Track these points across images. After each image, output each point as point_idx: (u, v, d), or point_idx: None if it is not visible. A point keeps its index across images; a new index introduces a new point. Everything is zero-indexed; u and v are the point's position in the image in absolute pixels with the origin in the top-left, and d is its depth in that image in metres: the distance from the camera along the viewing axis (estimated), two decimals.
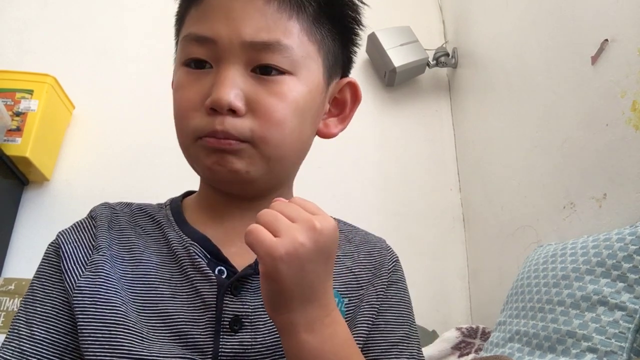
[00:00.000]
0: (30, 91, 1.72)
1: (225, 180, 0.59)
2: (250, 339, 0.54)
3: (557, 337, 0.91)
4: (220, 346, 0.53)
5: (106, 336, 0.52)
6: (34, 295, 0.57)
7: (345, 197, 1.89)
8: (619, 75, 1.11)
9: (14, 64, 1.87)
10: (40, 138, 1.71)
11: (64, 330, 0.55)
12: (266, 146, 0.57)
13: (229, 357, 0.53)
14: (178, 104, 0.60)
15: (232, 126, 0.55)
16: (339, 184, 1.93)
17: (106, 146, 1.91)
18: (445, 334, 1.40)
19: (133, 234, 0.62)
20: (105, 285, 0.55)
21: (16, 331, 0.55)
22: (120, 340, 0.52)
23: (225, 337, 0.54)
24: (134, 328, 0.53)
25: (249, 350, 0.54)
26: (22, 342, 0.54)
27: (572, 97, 1.29)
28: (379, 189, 1.99)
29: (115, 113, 1.95)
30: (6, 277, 1.56)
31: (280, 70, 0.57)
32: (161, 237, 0.61)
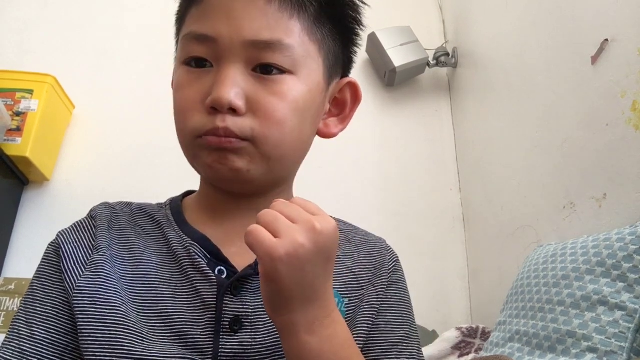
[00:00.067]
0: (30, 91, 1.72)
1: (226, 179, 0.59)
2: (250, 339, 0.54)
3: (557, 337, 0.91)
4: (220, 346, 0.53)
5: (106, 336, 0.52)
6: (34, 295, 0.57)
7: (345, 197, 1.88)
8: (619, 75, 1.11)
9: (14, 64, 1.87)
10: (41, 138, 1.71)
11: (64, 330, 0.55)
12: (266, 145, 0.57)
13: (228, 357, 0.53)
14: (178, 103, 0.60)
15: (233, 124, 0.55)
16: (339, 184, 1.93)
17: (106, 146, 1.91)
18: (445, 334, 1.40)
19: (133, 234, 0.61)
20: (105, 285, 0.55)
21: (16, 331, 0.55)
22: (120, 340, 0.52)
23: (225, 337, 0.54)
24: (134, 328, 0.53)
25: (249, 350, 0.54)
26: (22, 342, 0.54)
27: (572, 97, 1.29)
28: (379, 189, 1.99)
29: (115, 113, 1.95)
30: (6, 277, 1.56)
31: (281, 69, 0.57)
32: (161, 237, 0.61)
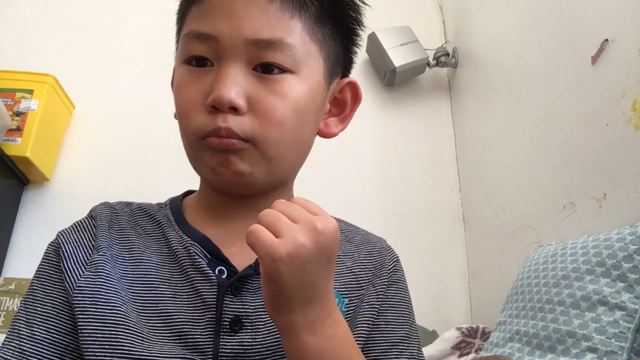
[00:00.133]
0: (30, 91, 1.72)
1: (229, 183, 0.59)
2: (250, 339, 0.54)
3: (557, 337, 0.91)
4: (221, 346, 0.53)
5: (106, 336, 0.52)
6: (34, 295, 0.57)
7: (345, 197, 1.88)
8: (619, 75, 1.11)
9: (14, 64, 1.87)
10: (41, 138, 1.71)
11: (64, 330, 0.55)
12: (267, 145, 0.57)
13: (229, 358, 0.53)
14: (180, 103, 0.59)
15: (235, 123, 0.55)
16: (339, 184, 1.93)
17: (106, 146, 1.91)
18: (446, 334, 1.40)
19: (133, 234, 0.61)
20: (105, 285, 0.55)
21: (16, 331, 0.55)
22: (121, 340, 0.52)
23: (225, 338, 0.54)
24: (134, 328, 0.53)
25: (249, 350, 0.54)
26: (23, 342, 0.54)
27: (572, 97, 1.29)
28: (379, 189, 1.99)
29: (115, 113, 1.95)
30: (6, 277, 1.56)
31: (282, 68, 0.57)
32: (161, 237, 0.61)
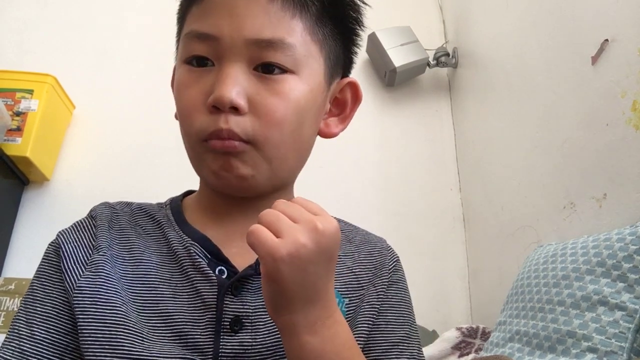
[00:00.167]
0: (30, 91, 1.72)
1: (231, 186, 0.59)
2: (250, 340, 0.54)
3: (557, 337, 0.91)
4: (221, 346, 0.53)
5: (106, 336, 0.52)
6: (34, 295, 0.57)
7: (345, 197, 1.88)
8: (619, 75, 1.11)
9: (14, 64, 1.87)
10: (41, 138, 1.71)
11: (64, 330, 0.55)
12: (268, 147, 0.57)
13: (229, 358, 0.53)
14: (181, 104, 0.59)
15: (236, 124, 0.55)
16: (339, 184, 1.93)
17: (106, 146, 1.91)
18: (446, 334, 1.40)
19: (133, 234, 0.61)
20: (105, 285, 0.55)
21: (16, 331, 0.55)
22: (121, 340, 0.52)
23: (225, 338, 0.54)
24: (134, 328, 0.53)
25: (250, 350, 0.54)
26: (23, 342, 0.54)
27: (572, 97, 1.28)
28: (379, 189, 1.99)
29: (115, 113, 1.95)
30: (6, 277, 1.56)
31: (282, 68, 0.57)
32: (161, 237, 0.61)
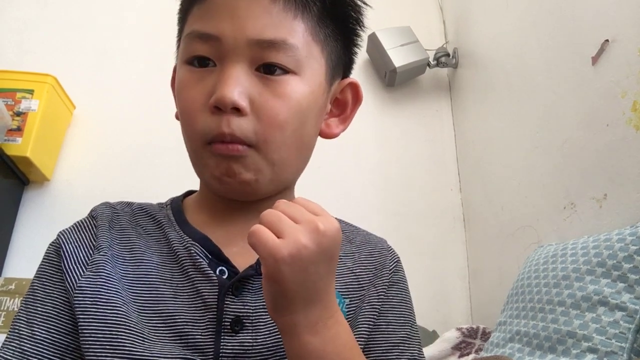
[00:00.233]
0: (30, 91, 1.72)
1: (234, 191, 0.59)
2: (251, 340, 0.54)
3: (558, 338, 0.91)
4: (221, 347, 0.53)
5: (107, 336, 0.52)
6: (34, 295, 0.57)
7: (345, 197, 1.88)
8: (619, 76, 1.11)
9: (14, 64, 1.87)
10: (41, 138, 1.71)
11: (65, 330, 0.55)
12: (270, 149, 0.57)
13: (229, 358, 0.53)
14: (182, 104, 0.59)
15: (238, 127, 0.55)
16: (339, 184, 1.93)
17: (106, 146, 1.91)
18: (446, 334, 1.40)
19: (134, 234, 0.61)
20: (106, 285, 0.55)
21: (17, 331, 0.55)
22: (121, 340, 0.52)
23: (226, 338, 0.54)
24: (134, 328, 0.53)
25: (250, 350, 0.54)
26: (23, 342, 0.54)
27: (573, 97, 1.29)
28: (379, 189, 1.99)
29: (116, 113, 1.95)
30: (6, 277, 1.56)
31: (284, 69, 0.57)
32: (162, 237, 0.61)
